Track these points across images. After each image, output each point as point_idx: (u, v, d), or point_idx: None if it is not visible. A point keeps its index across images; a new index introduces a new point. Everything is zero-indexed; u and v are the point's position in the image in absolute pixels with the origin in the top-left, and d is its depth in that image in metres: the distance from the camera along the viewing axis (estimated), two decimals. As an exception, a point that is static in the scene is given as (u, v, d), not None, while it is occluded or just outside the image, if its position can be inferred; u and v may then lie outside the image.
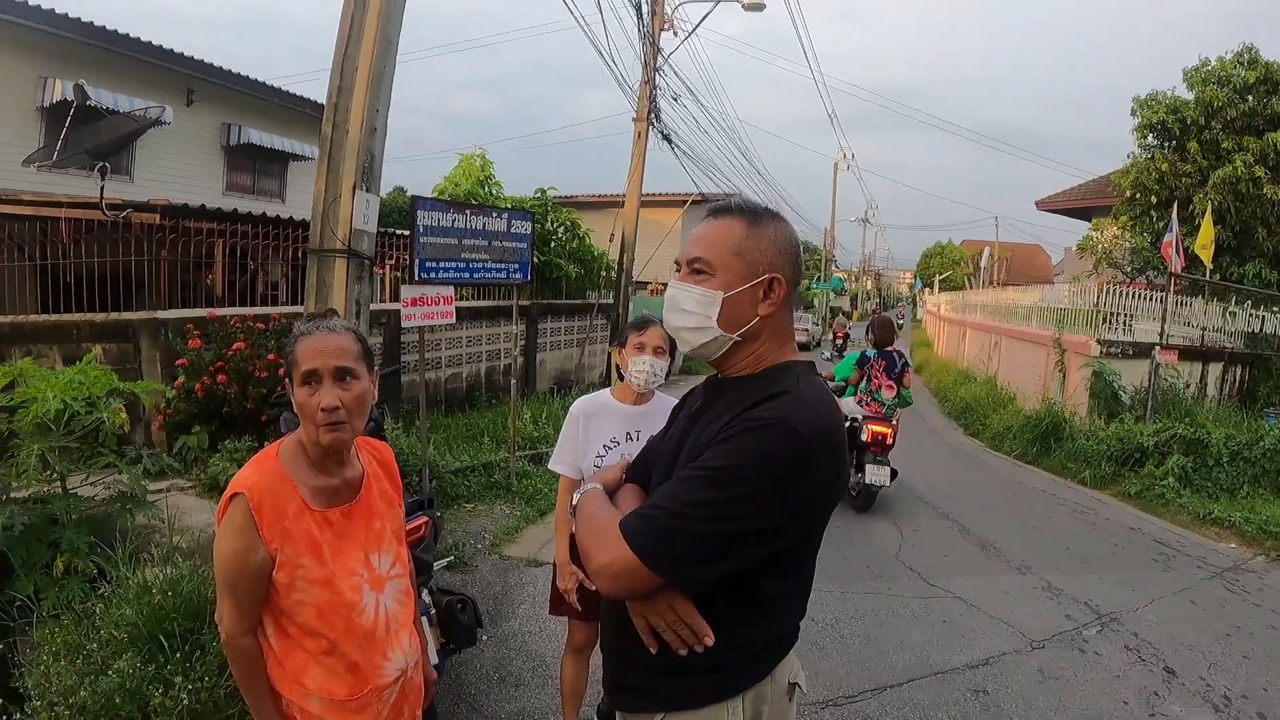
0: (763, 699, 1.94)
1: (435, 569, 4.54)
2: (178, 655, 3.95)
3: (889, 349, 9.71)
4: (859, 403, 9.58)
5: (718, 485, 1.71)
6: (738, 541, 1.73)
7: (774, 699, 1.96)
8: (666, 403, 3.68)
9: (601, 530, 1.83)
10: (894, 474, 9.21)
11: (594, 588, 3.66)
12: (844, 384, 9.95)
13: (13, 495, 5.17)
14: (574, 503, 2.08)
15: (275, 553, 2.16)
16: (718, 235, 1.94)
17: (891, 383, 9.50)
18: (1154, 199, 19.04)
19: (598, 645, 3.88)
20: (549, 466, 3.98)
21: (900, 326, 31.74)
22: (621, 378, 3.77)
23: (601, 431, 3.67)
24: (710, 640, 1.80)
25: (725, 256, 1.91)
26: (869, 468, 8.92)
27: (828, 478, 1.80)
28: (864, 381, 9.70)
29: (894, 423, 9.33)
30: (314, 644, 2.24)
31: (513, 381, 10.13)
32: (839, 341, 33.59)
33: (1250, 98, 18.29)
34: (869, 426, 9.07)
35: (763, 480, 1.71)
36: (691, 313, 1.93)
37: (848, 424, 8.48)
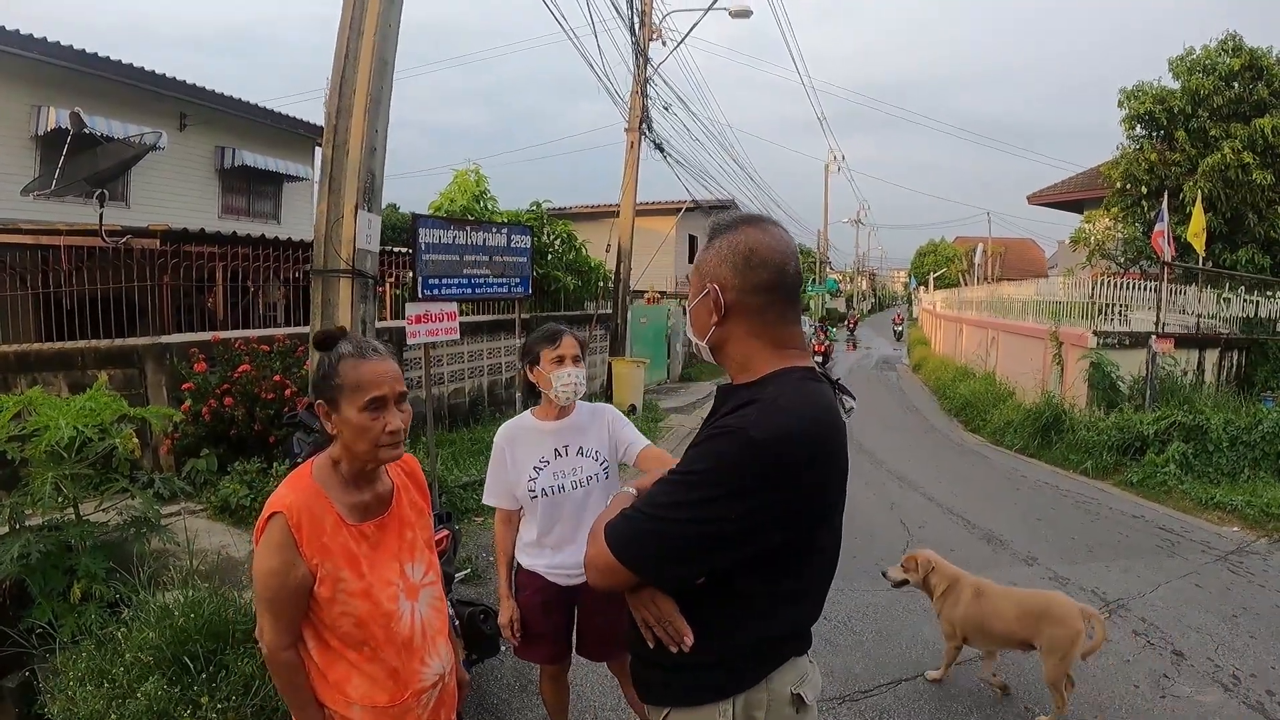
0: (756, 705, 1.93)
1: (454, 581, 4.59)
2: (203, 676, 3.99)
3: (822, 324, 36.60)
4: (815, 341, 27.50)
5: (680, 489, 1.79)
6: (703, 544, 1.78)
7: (772, 707, 1.95)
8: (587, 410, 3.68)
9: (596, 527, 1.92)
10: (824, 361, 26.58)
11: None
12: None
13: (27, 524, 5.21)
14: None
15: (316, 568, 2.22)
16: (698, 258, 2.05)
17: (822, 334, 30.97)
18: (1144, 189, 19.12)
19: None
20: (484, 501, 3.81)
21: (899, 334, 44.47)
22: (537, 398, 3.63)
23: (528, 455, 3.55)
24: (689, 640, 1.85)
25: (692, 274, 2.04)
26: None
27: (798, 484, 1.78)
28: (814, 334, 29.87)
29: (826, 344, 29.42)
30: (356, 654, 2.31)
31: (516, 394, 10.18)
32: (852, 326, 50.70)
33: (1236, 85, 18.36)
34: (815, 347, 25.11)
35: (720, 486, 1.74)
36: (687, 323, 2.09)
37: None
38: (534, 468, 3.52)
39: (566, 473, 3.52)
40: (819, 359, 29.00)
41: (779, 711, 1.96)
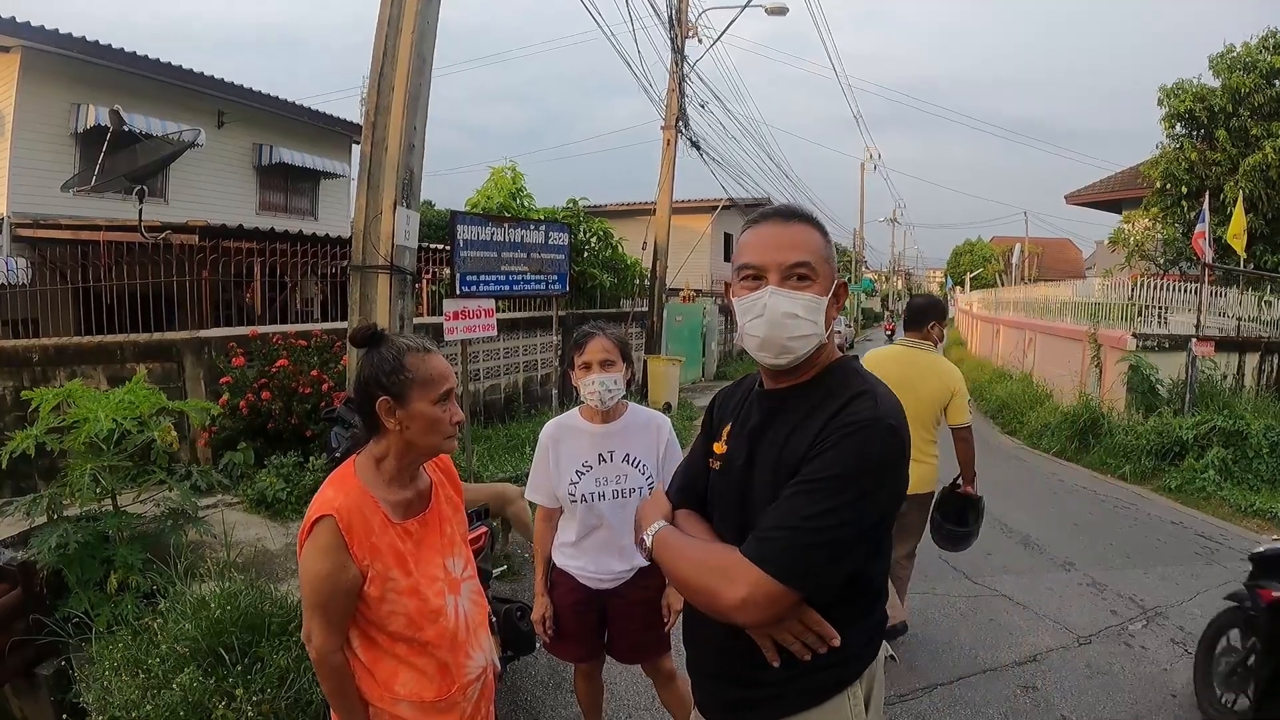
0: (873, 676, 2.02)
1: (491, 578, 4.60)
2: (238, 668, 4.01)
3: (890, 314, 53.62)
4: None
5: (833, 494, 1.74)
6: (859, 541, 1.79)
7: (876, 672, 2.04)
8: (640, 417, 3.60)
9: (723, 564, 1.82)
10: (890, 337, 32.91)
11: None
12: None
13: (65, 514, 5.26)
14: (648, 544, 2.05)
15: (366, 569, 2.22)
16: (809, 241, 1.95)
17: (890, 315, 53.14)
18: (1184, 189, 18.72)
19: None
20: (526, 496, 3.77)
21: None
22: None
23: (572, 456, 3.49)
24: (837, 640, 1.84)
25: (820, 262, 1.93)
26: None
27: (908, 459, 1.88)
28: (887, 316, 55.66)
29: (893, 324, 41.21)
30: (404, 650, 2.31)
31: (553, 391, 10.18)
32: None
33: (1277, 83, 17.96)
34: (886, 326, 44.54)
35: (871, 478, 1.77)
36: (804, 319, 1.90)
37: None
38: (576, 471, 3.47)
39: (609, 480, 3.46)
40: (888, 335, 40.70)
41: (878, 674, 2.07)
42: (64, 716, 4.49)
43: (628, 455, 3.49)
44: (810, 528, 1.73)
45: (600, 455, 3.48)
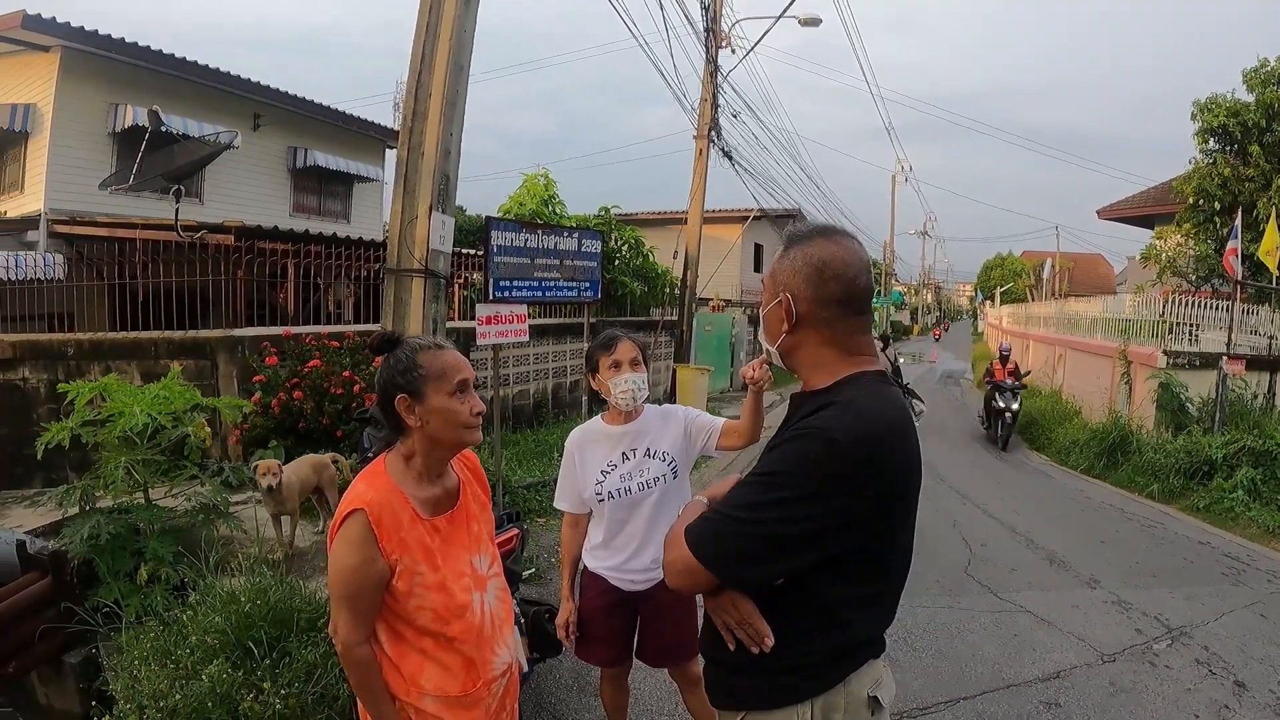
0: (833, 708, 1.94)
1: (520, 580, 4.63)
2: (266, 662, 4.05)
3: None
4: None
5: (760, 490, 1.82)
6: (781, 544, 1.80)
7: (849, 709, 1.96)
8: (656, 412, 3.66)
9: (674, 532, 1.95)
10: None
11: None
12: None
13: (97, 505, 5.34)
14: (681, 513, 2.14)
15: (395, 563, 2.26)
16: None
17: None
18: (1217, 205, 18.57)
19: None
20: (555, 505, 3.84)
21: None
22: (603, 402, 3.62)
23: (596, 458, 3.57)
24: (769, 641, 1.87)
25: (766, 279, 2.08)
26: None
27: (876, 485, 1.81)
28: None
29: (940, 331, 44.70)
30: (430, 645, 2.34)
31: (583, 398, 10.20)
32: (947, 326, 61.49)
33: (1312, 99, 17.78)
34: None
35: (800, 486, 1.77)
36: (761, 327, 2.13)
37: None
38: (601, 471, 3.52)
39: (633, 474, 3.51)
40: (935, 340, 45.62)
41: (856, 714, 1.97)
42: (91, 704, 4.55)
43: (649, 449, 3.55)
44: (735, 516, 1.83)
45: (623, 453, 3.54)
